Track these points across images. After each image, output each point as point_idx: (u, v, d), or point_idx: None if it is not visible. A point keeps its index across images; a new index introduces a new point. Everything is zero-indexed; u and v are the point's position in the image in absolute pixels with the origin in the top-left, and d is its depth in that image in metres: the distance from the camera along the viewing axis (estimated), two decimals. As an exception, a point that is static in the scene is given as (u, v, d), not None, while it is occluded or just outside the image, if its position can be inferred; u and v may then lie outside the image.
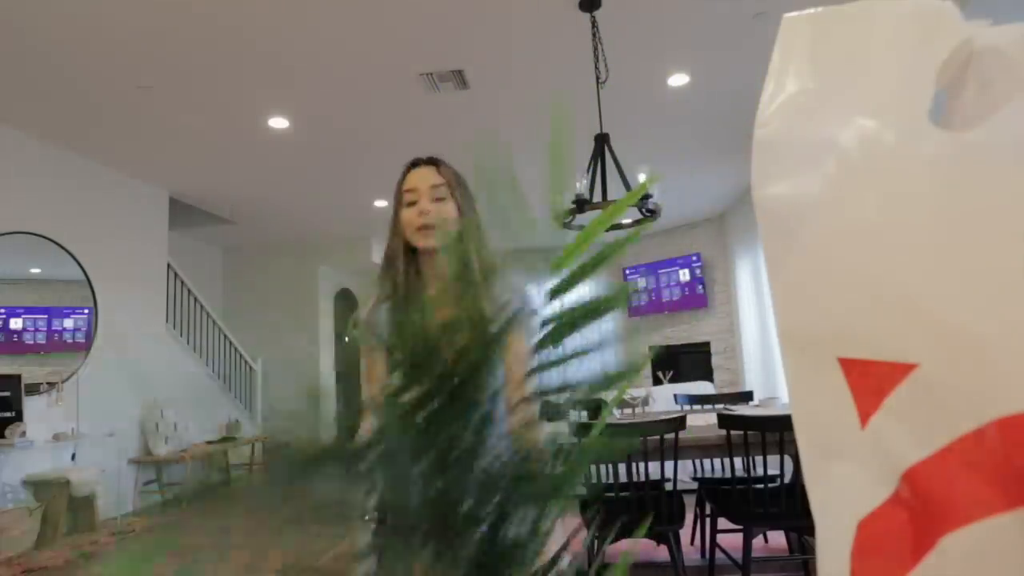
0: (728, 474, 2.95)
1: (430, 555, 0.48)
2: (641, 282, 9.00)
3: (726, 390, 7.30)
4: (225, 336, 7.32)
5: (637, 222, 3.49)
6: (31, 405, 4.33)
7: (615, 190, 3.43)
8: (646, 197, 3.20)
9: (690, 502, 2.99)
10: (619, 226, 3.57)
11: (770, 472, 2.63)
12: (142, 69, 3.84)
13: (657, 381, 8.32)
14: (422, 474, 0.49)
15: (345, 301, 9.56)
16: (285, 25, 3.45)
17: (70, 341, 5.03)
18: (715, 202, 7.58)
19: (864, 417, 0.43)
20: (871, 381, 0.42)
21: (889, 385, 0.41)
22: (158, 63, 3.78)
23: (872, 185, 0.43)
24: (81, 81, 3.95)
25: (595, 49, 3.45)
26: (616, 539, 2.92)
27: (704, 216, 8.23)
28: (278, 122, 4.69)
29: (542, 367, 0.61)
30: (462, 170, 1.32)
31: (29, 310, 4.81)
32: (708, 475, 3.26)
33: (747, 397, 3.67)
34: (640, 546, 3.30)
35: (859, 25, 0.47)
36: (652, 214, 3.33)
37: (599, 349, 0.64)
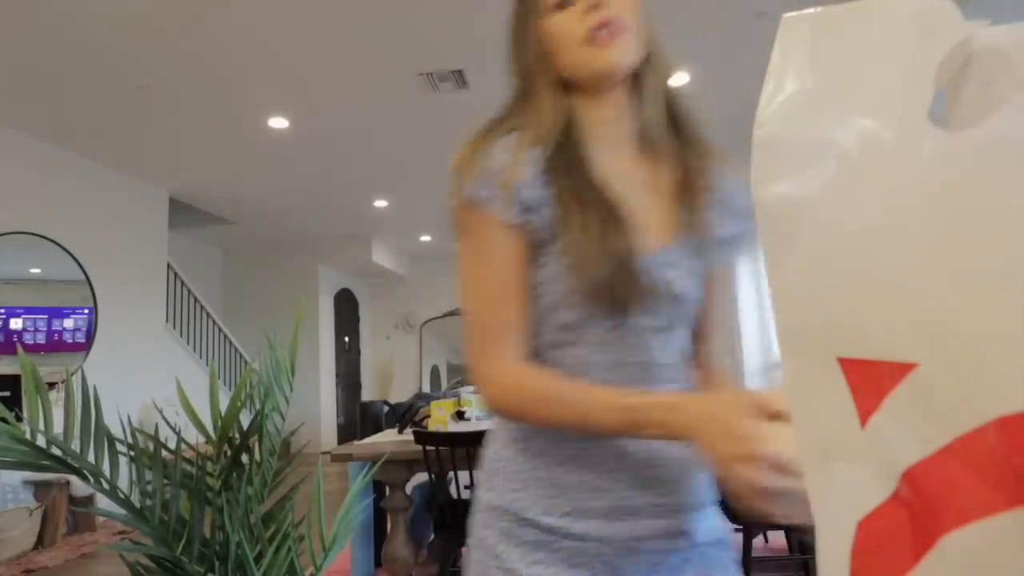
0: (728, 474, 2.95)
1: None
2: (641, 282, 8.99)
3: (726, 390, 7.30)
4: (225, 336, 7.32)
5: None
6: (31, 405, 4.32)
7: (615, 190, 3.43)
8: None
9: (690, 502, 2.99)
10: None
11: (770, 472, 2.62)
12: (142, 69, 3.84)
13: (657, 381, 8.31)
14: None
15: (345, 301, 9.57)
16: (285, 25, 3.45)
17: (70, 341, 5.03)
18: (715, 202, 7.58)
19: (864, 417, 0.43)
20: (871, 381, 0.42)
21: (889, 385, 0.41)
22: (158, 63, 3.78)
23: (871, 185, 0.43)
24: (81, 81, 3.95)
25: (595, 49, 3.45)
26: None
27: (704, 216, 8.23)
28: (278, 122, 4.69)
29: None
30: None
31: (29, 310, 4.80)
32: (708, 475, 3.26)
33: (747, 397, 3.66)
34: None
35: (858, 25, 0.47)
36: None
37: None
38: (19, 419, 1.31)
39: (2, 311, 4.64)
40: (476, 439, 2.18)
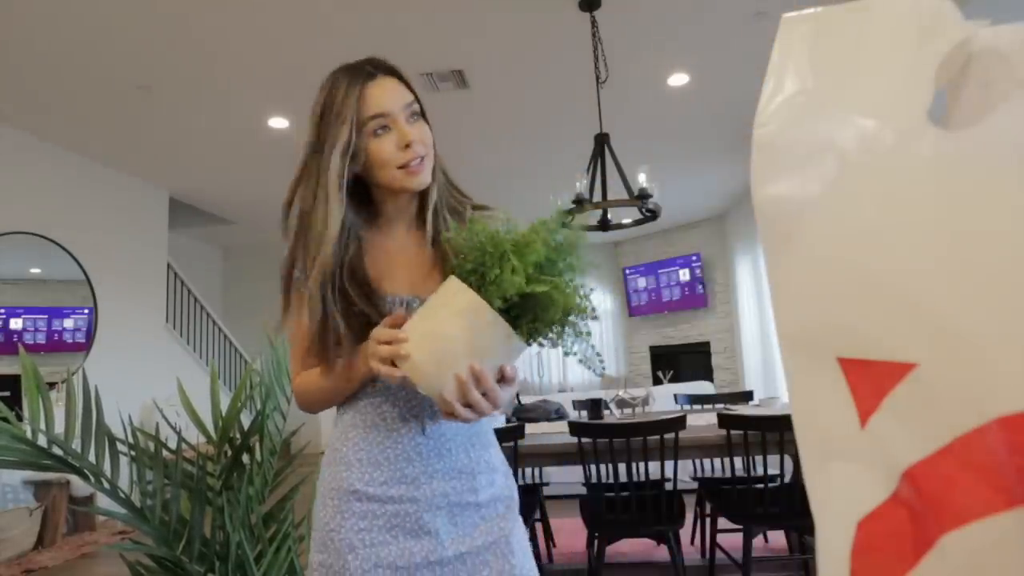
0: (728, 474, 2.96)
1: None
2: (641, 282, 9.00)
3: (726, 390, 7.31)
4: (225, 336, 7.32)
5: (638, 222, 3.49)
6: (31, 405, 4.32)
7: (615, 190, 3.43)
8: (646, 197, 3.20)
9: (690, 502, 2.99)
10: (620, 226, 3.57)
11: (770, 472, 2.63)
12: (142, 69, 3.84)
13: (657, 381, 8.32)
14: None
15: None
16: (285, 25, 3.45)
17: (70, 341, 5.03)
18: (715, 202, 7.58)
19: (864, 417, 0.43)
20: (871, 381, 0.42)
21: (889, 385, 0.41)
22: (158, 63, 3.78)
23: (871, 184, 0.43)
24: (81, 81, 3.95)
25: (595, 49, 3.45)
26: (616, 539, 2.92)
27: (704, 216, 8.23)
28: (278, 122, 4.69)
29: None
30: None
31: (29, 310, 4.80)
32: (708, 475, 3.26)
33: (747, 397, 3.67)
34: (640, 546, 3.30)
35: (858, 25, 0.47)
36: (652, 214, 3.33)
37: None
38: (20, 419, 1.31)
39: (2, 311, 4.64)
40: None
